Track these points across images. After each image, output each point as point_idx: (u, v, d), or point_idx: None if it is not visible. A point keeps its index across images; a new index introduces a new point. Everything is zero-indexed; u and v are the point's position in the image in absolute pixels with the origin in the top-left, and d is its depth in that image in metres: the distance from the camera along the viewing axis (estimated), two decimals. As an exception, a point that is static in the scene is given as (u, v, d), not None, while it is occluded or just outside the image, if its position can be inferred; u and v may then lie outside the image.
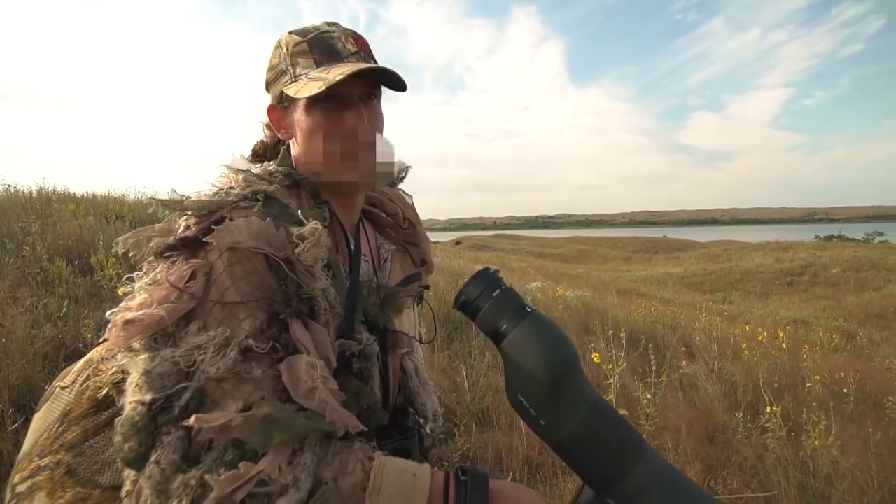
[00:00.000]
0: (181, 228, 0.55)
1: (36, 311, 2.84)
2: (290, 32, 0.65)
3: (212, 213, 0.55)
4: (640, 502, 0.43)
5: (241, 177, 0.61)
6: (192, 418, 0.44)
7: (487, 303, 0.50)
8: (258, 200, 0.57)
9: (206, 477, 0.42)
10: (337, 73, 0.58)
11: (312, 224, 0.56)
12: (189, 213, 0.55)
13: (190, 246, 0.52)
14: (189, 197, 0.57)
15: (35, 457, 0.57)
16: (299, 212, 0.59)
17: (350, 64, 0.61)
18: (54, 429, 0.58)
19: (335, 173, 0.64)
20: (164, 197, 0.57)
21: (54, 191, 6.12)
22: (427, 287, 0.83)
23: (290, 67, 0.63)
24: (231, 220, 0.53)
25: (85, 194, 6.30)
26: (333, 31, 0.64)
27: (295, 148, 0.67)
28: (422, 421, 0.76)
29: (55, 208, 5.06)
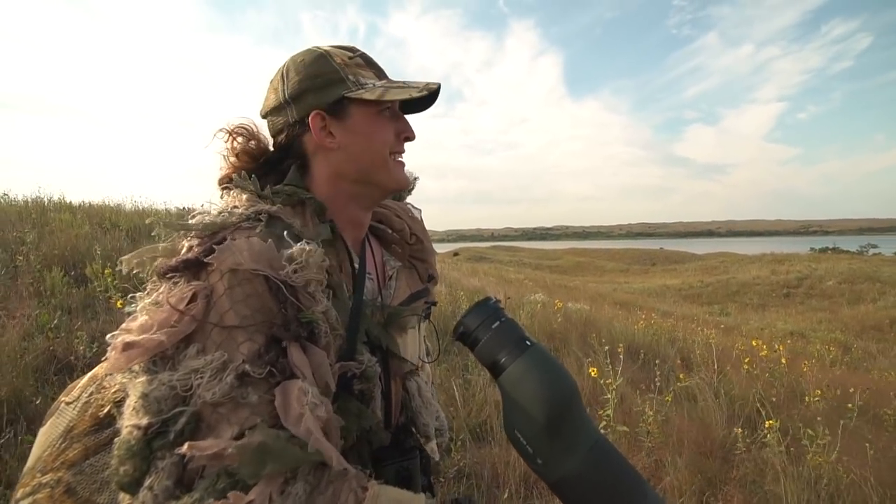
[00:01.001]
0: (184, 249, 0.55)
1: (28, 322, 2.80)
2: (331, 47, 0.67)
3: (214, 235, 0.55)
4: None
5: (244, 196, 0.61)
6: (185, 446, 0.44)
7: (486, 334, 0.49)
8: (261, 220, 0.57)
9: None
10: (422, 83, 0.66)
11: (299, 246, 0.55)
12: (192, 233, 0.55)
13: (192, 267, 0.52)
14: (193, 216, 0.57)
15: (38, 472, 0.57)
16: (305, 231, 0.59)
17: (417, 81, 0.67)
18: (57, 445, 0.59)
19: (384, 173, 0.67)
20: (167, 218, 0.58)
21: (50, 200, 6.10)
22: (434, 303, 0.82)
23: (348, 76, 0.64)
24: (233, 240, 0.53)
25: (81, 203, 6.28)
26: (367, 54, 0.69)
27: (334, 158, 0.66)
28: (423, 440, 0.75)
29: (51, 217, 5.04)
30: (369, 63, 0.67)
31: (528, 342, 0.48)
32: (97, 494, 0.55)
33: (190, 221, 0.56)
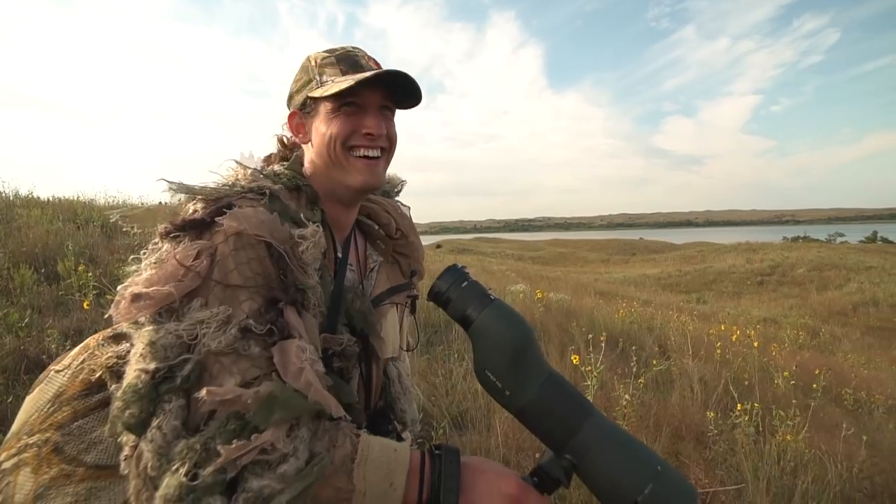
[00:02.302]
0: (189, 212, 0.58)
1: (-4, 321, 2.71)
2: (324, 50, 0.71)
3: (219, 200, 0.58)
4: (590, 452, 0.50)
5: (248, 172, 0.65)
6: (204, 391, 0.47)
7: (457, 293, 0.56)
8: (264, 195, 0.61)
9: (217, 445, 0.45)
10: (362, 74, 0.63)
11: (314, 226, 0.60)
12: (197, 198, 0.59)
13: (196, 227, 0.55)
14: (196, 186, 0.61)
15: (24, 435, 0.58)
16: (301, 214, 0.63)
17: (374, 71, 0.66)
18: (45, 409, 0.60)
19: (344, 172, 0.67)
20: (174, 181, 0.60)
21: (17, 195, 5.86)
22: (416, 296, 0.85)
23: (316, 76, 0.68)
24: (239, 207, 0.57)
25: (51, 198, 6.06)
26: (357, 51, 0.70)
27: (309, 153, 0.71)
28: (400, 427, 0.78)
29: (17, 213, 4.85)
30: (342, 59, 0.68)
31: (491, 297, 0.56)
32: (84, 454, 0.57)
33: (196, 187, 0.60)
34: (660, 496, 0.47)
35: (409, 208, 0.86)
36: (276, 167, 0.69)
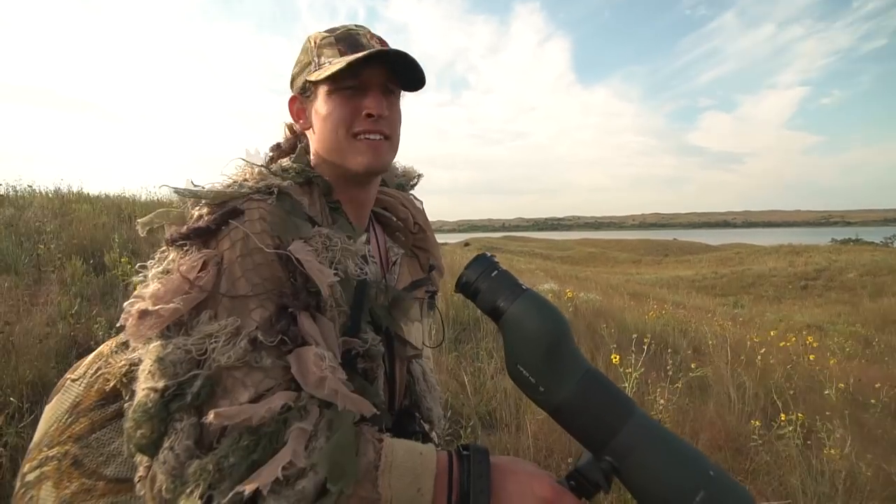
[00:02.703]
0: (194, 218, 0.56)
1: (50, 308, 2.88)
2: (324, 30, 0.68)
3: (225, 204, 0.56)
4: (634, 454, 0.46)
5: (255, 170, 0.62)
6: (212, 414, 0.45)
7: (486, 283, 0.53)
8: (272, 194, 0.58)
9: (230, 464, 0.43)
10: (355, 55, 0.60)
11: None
12: (203, 202, 0.56)
13: (202, 236, 0.53)
14: (203, 187, 0.58)
15: (44, 447, 0.58)
16: (318, 209, 0.61)
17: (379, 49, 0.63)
18: (63, 420, 0.59)
19: (346, 156, 0.64)
20: (179, 187, 0.58)
21: (70, 191, 6.24)
22: (436, 291, 0.83)
23: (315, 58, 0.65)
24: (244, 211, 0.54)
25: (99, 195, 6.41)
26: (360, 30, 0.67)
27: (312, 139, 0.68)
28: (427, 426, 0.76)
29: (71, 208, 5.15)
30: (342, 39, 0.65)
31: (523, 287, 0.52)
32: (103, 467, 0.57)
33: (200, 191, 0.57)
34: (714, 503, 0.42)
35: (422, 202, 0.84)
36: (285, 162, 0.67)
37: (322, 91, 0.64)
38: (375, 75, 0.63)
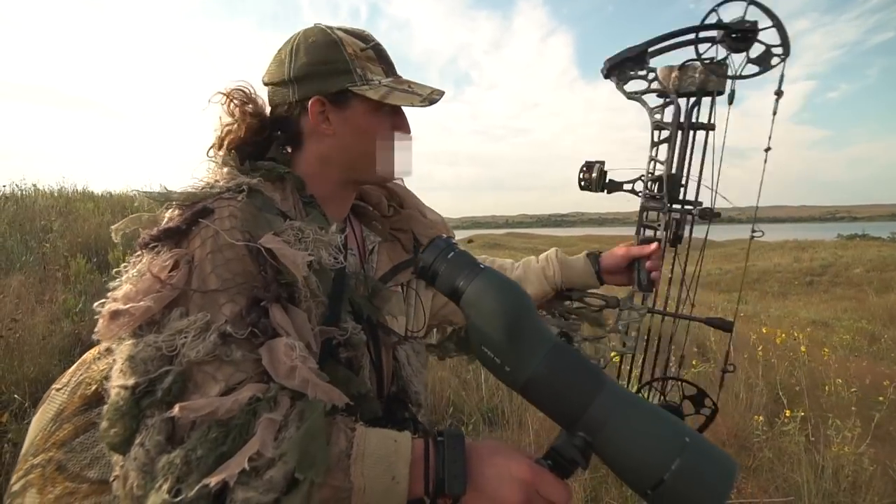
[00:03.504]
0: (165, 220, 0.57)
1: (55, 306, 2.91)
2: (344, 33, 0.67)
3: (195, 204, 0.56)
4: (606, 427, 0.45)
5: (225, 171, 0.62)
6: (176, 408, 0.45)
7: (443, 265, 0.53)
8: (242, 192, 0.59)
9: (197, 457, 0.43)
10: (425, 90, 0.66)
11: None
12: (173, 204, 0.57)
13: (173, 236, 0.54)
14: (174, 191, 0.59)
15: (30, 456, 0.59)
16: (290, 204, 0.61)
17: (425, 85, 0.68)
18: (48, 428, 0.60)
19: (380, 166, 0.69)
20: (150, 190, 0.59)
21: (74, 189, 6.28)
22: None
23: (356, 69, 0.65)
24: (214, 210, 0.55)
25: (103, 193, 6.45)
26: (381, 44, 0.69)
27: (322, 145, 0.68)
28: (415, 410, 0.76)
29: (75, 206, 5.18)
30: (380, 56, 0.68)
31: (481, 266, 0.52)
32: (87, 469, 0.57)
33: (171, 194, 0.58)
34: (691, 471, 0.41)
35: (402, 179, 0.83)
36: (258, 162, 0.66)
37: (366, 106, 0.66)
38: None
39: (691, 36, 0.81)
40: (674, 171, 0.84)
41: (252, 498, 0.42)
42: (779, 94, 0.77)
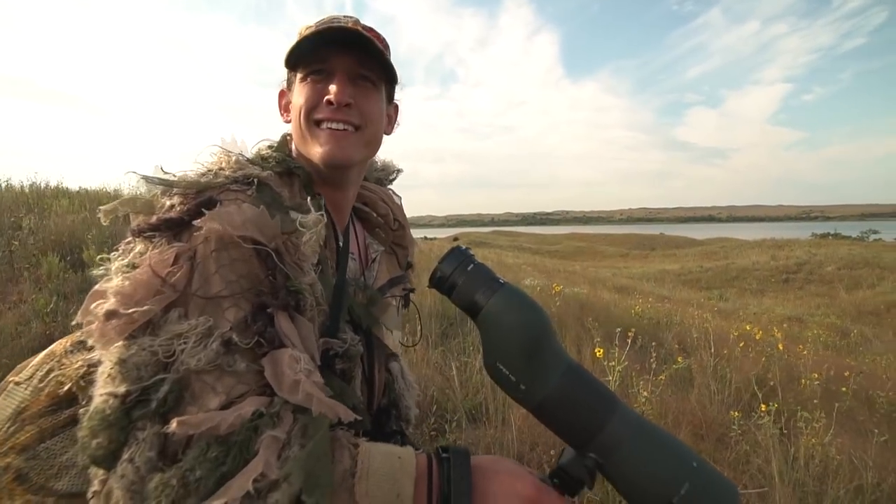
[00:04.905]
0: (165, 208, 0.51)
1: (24, 306, 2.81)
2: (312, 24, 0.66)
3: (199, 194, 0.51)
4: (618, 450, 0.45)
5: (232, 159, 0.57)
6: (174, 423, 0.41)
7: (462, 278, 0.51)
8: (251, 184, 0.54)
9: (196, 478, 0.39)
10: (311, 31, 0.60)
11: (316, 215, 0.54)
12: (174, 191, 0.52)
13: (174, 227, 0.49)
14: (174, 176, 0.53)
15: None
16: (298, 201, 0.57)
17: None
18: (5, 429, 0.53)
19: (309, 147, 0.62)
20: (150, 175, 0.52)
21: (47, 185, 6.06)
22: (412, 290, 0.81)
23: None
24: (221, 202, 0.50)
25: (79, 189, 6.24)
26: (344, 18, 0.64)
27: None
28: (404, 425, 0.75)
29: (48, 203, 5.01)
30: (321, 24, 0.63)
31: (500, 281, 0.51)
32: (54, 480, 0.51)
33: (173, 179, 0.53)
34: (699, 495, 0.42)
35: (401, 198, 0.82)
36: (264, 150, 0.63)
37: (297, 79, 0.63)
38: (342, 62, 0.61)
39: None
40: None
41: None
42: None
